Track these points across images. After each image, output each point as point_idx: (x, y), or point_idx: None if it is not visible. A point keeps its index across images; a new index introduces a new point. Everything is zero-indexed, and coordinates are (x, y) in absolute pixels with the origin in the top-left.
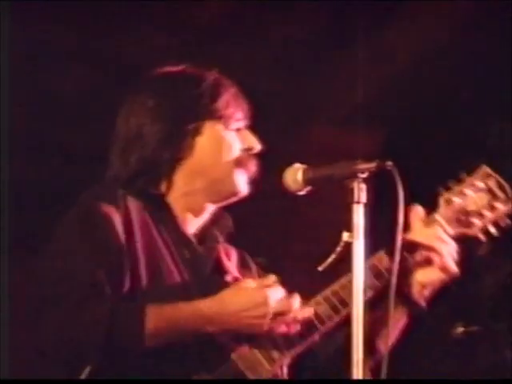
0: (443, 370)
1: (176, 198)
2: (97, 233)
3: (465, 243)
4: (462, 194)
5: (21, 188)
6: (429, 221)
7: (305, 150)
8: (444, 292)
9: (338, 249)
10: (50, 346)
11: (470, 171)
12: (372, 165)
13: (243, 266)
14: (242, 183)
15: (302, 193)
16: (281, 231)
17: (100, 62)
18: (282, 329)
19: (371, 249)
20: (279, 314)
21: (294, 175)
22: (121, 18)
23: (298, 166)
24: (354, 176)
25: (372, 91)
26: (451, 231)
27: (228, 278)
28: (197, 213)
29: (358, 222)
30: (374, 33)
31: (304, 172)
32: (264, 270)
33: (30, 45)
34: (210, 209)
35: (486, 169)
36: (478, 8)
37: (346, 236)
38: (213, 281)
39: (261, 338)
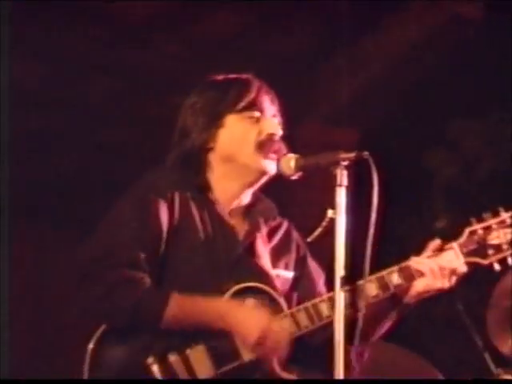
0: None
1: (217, 182)
2: (143, 220)
3: None
4: (488, 227)
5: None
6: (446, 247)
7: (297, 142)
8: None
9: (324, 223)
10: (86, 314)
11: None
12: (352, 154)
13: (278, 252)
14: (268, 164)
15: (294, 177)
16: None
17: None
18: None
19: (352, 224)
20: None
21: (288, 163)
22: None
23: (291, 155)
24: (337, 164)
25: (354, 94)
26: (462, 259)
27: (259, 262)
28: (234, 196)
29: (341, 201)
30: (354, 45)
31: (296, 160)
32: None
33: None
34: (248, 193)
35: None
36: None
37: (330, 213)
38: (242, 259)
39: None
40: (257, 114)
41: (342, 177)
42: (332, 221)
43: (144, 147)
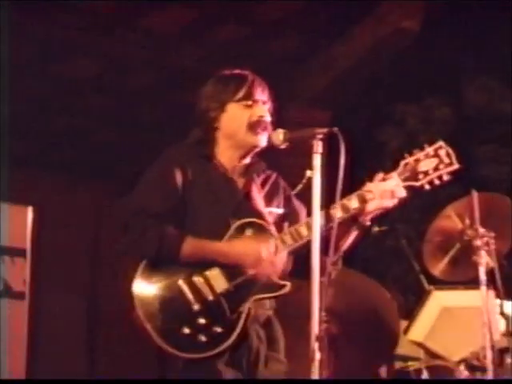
0: None
1: (221, 153)
2: (165, 183)
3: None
4: (417, 159)
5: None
6: (387, 177)
7: (285, 121)
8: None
9: (304, 180)
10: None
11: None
12: (325, 130)
13: (269, 196)
14: (258, 139)
15: (282, 147)
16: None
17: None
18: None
19: (325, 181)
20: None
21: (278, 136)
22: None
23: (280, 130)
24: (314, 136)
25: (326, 85)
26: (401, 184)
27: (255, 204)
28: (237, 161)
29: (317, 164)
30: (328, 49)
31: (284, 134)
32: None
33: None
34: (247, 159)
35: (440, 142)
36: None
37: (309, 173)
38: (242, 205)
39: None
40: (249, 102)
41: (318, 146)
42: (310, 179)
43: (172, 126)
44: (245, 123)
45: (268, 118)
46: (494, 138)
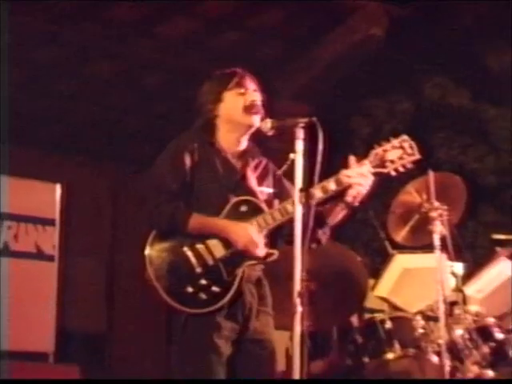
0: None
1: (222, 137)
2: (175, 167)
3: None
4: (385, 150)
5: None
6: (360, 164)
7: (272, 112)
8: None
9: (288, 162)
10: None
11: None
12: (306, 119)
13: (261, 174)
14: (252, 120)
15: (270, 133)
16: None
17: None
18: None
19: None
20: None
21: (266, 124)
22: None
23: (268, 119)
24: (296, 125)
25: (306, 83)
26: (372, 170)
27: (250, 184)
28: (234, 144)
29: (299, 149)
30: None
31: (272, 123)
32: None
33: None
34: (244, 142)
35: (404, 136)
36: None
37: (292, 156)
38: (238, 184)
39: None
40: (242, 90)
41: (300, 133)
42: (293, 161)
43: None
44: (240, 107)
45: (259, 102)
46: (446, 126)
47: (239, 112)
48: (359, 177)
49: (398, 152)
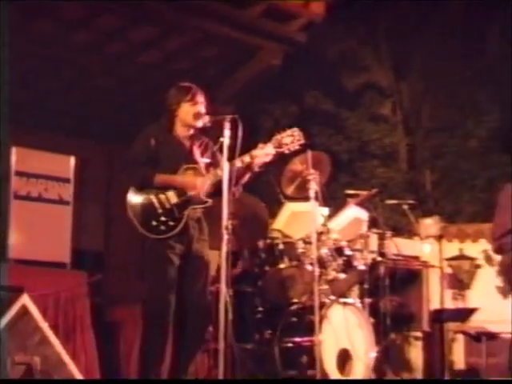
0: None
1: (179, 129)
2: (144, 145)
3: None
4: (282, 136)
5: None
6: (265, 146)
7: (209, 112)
8: None
9: (218, 144)
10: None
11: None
12: (230, 116)
13: (202, 150)
14: (198, 123)
15: (209, 125)
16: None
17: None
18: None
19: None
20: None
21: (206, 119)
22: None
23: (206, 116)
24: (224, 120)
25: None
26: (273, 150)
27: (195, 156)
28: (186, 131)
29: (226, 135)
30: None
31: (210, 118)
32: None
33: None
34: (192, 130)
35: (295, 128)
36: None
37: (222, 139)
38: (187, 157)
39: None
40: (193, 102)
41: (227, 125)
42: (222, 142)
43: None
44: (191, 114)
45: (203, 111)
46: (319, 122)
47: (190, 117)
48: (264, 154)
49: (290, 138)
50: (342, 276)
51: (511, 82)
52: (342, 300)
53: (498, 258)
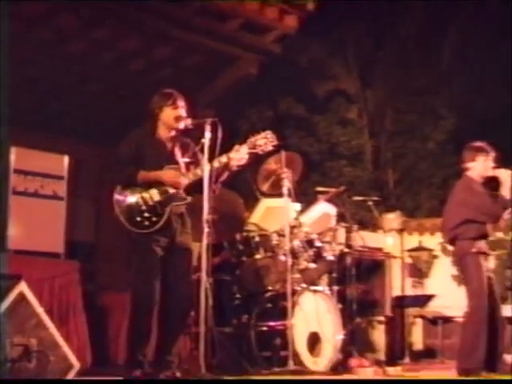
0: None
1: (162, 132)
2: (130, 146)
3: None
4: (256, 138)
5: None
6: (240, 147)
7: (191, 115)
8: None
9: (200, 145)
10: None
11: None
12: (210, 119)
13: (183, 151)
14: (179, 125)
15: (191, 127)
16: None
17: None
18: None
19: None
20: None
21: (188, 122)
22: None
23: (188, 119)
24: (205, 122)
25: (213, 98)
26: (248, 150)
27: (176, 157)
28: (168, 133)
29: (207, 136)
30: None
31: (191, 120)
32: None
33: None
34: (173, 132)
35: (268, 131)
36: None
37: (203, 140)
38: (169, 157)
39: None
40: (174, 106)
41: (208, 128)
42: (203, 143)
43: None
44: (172, 118)
45: (184, 114)
46: (291, 126)
47: (172, 120)
48: (240, 155)
49: (264, 140)
50: (313, 266)
51: (465, 89)
52: (313, 288)
53: (451, 248)
